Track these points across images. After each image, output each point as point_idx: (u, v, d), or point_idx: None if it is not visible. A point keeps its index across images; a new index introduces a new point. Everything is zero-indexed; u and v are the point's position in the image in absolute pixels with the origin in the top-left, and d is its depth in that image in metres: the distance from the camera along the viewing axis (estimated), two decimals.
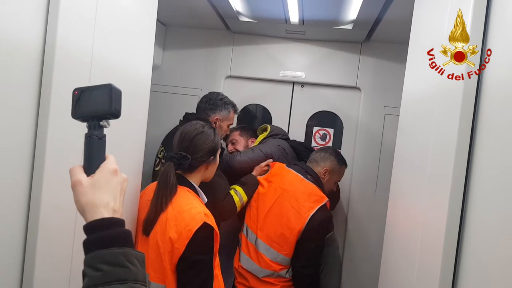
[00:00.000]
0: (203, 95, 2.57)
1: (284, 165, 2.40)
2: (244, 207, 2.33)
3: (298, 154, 2.60)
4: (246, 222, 2.30)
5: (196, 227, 1.49)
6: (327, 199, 2.25)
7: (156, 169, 2.32)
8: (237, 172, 2.43)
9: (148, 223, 1.58)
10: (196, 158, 1.64)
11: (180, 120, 2.44)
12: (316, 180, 2.31)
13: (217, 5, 2.46)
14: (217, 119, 2.44)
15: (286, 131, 2.99)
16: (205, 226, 1.51)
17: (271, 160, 2.48)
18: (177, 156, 1.62)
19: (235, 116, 2.62)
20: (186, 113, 2.44)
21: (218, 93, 2.55)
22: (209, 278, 1.55)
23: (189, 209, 1.55)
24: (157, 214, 1.57)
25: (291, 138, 2.80)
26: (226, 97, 2.53)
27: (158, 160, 2.35)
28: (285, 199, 2.21)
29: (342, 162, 2.47)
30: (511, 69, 0.92)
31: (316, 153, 2.47)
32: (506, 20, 0.98)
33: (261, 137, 2.67)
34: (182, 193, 1.62)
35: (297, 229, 2.14)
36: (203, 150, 1.65)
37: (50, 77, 1.08)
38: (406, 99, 1.64)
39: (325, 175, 2.39)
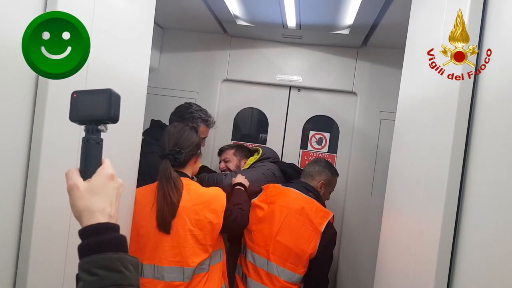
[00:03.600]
0: (177, 105, 2.55)
1: (280, 185, 2.35)
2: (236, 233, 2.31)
3: (287, 177, 2.56)
4: (250, 249, 2.21)
5: (225, 200, 1.86)
6: (332, 214, 2.23)
7: None
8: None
9: (166, 220, 1.75)
10: (187, 152, 1.87)
11: (147, 129, 2.41)
12: (316, 196, 2.30)
13: (214, 8, 2.46)
14: None
15: (282, 135, 3.00)
16: (225, 196, 1.90)
17: None
18: (172, 152, 1.83)
19: (210, 130, 2.58)
20: (152, 120, 2.46)
21: (190, 105, 2.51)
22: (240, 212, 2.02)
23: (209, 191, 1.89)
24: (172, 208, 1.75)
25: (287, 141, 2.81)
26: (197, 110, 2.48)
27: None
28: (293, 218, 2.16)
29: (335, 173, 2.48)
30: (508, 72, 0.92)
31: (310, 167, 2.44)
32: (502, 23, 0.99)
33: (252, 159, 2.63)
34: (190, 182, 1.87)
35: (311, 247, 2.12)
36: (192, 144, 1.90)
37: (46, 79, 1.08)
38: (402, 104, 1.65)
39: (321, 189, 2.38)
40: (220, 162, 2.73)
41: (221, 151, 2.75)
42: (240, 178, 2.31)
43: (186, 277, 1.76)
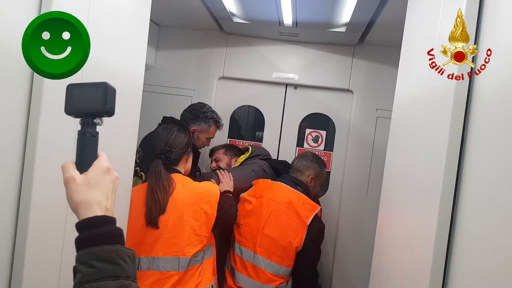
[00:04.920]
0: (191, 104, 2.62)
1: (269, 180, 2.39)
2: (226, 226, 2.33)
3: (279, 174, 2.59)
4: (238, 242, 2.24)
5: (218, 192, 1.95)
6: (320, 207, 2.27)
7: None
8: None
9: (153, 217, 1.82)
10: (178, 151, 1.96)
11: (159, 123, 2.45)
12: (305, 190, 2.33)
13: (210, 6, 2.46)
14: (194, 129, 2.48)
15: (279, 133, 3.01)
16: (217, 188, 2.01)
17: None
18: (163, 152, 1.92)
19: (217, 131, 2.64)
20: (164, 117, 2.47)
21: (204, 105, 2.58)
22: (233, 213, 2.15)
23: (203, 184, 1.99)
24: (158, 205, 1.81)
25: (283, 139, 2.85)
26: (210, 111, 2.56)
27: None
28: (281, 211, 2.19)
29: (323, 165, 2.51)
30: (504, 72, 0.92)
31: (298, 162, 2.46)
32: (498, 22, 0.99)
33: (242, 157, 2.66)
34: (184, 178, 1.96)
35: (297, 240, 2.14)
36: (182, 143, 1.98)
37: (42, 77, 1.07)
38: (398, 102, 1.65)
39: (311, 182, 2.41)
40: (211, 162, 2.74)
41: (212, 152, 2.78)
42: (226, 186, 2.32)
43: (181, 266, 1.82)
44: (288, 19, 2.52)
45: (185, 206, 1.85)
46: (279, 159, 2.94)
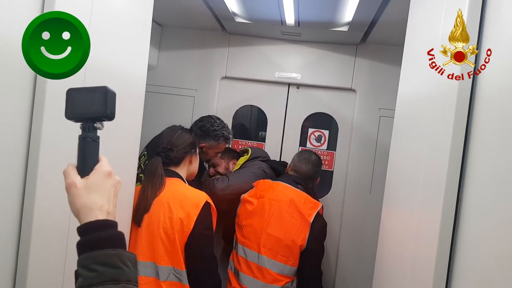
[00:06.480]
0: (200, 118, 2.57)
1: (269, 180, 2.40)
2: (229, 228, 2.35)
3: (278, 174, 2.59)
4: (241, 243, 2.24)
5: (202, 204, 1.77)
6: (321, 204, 2.28)
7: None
8: (220, 198, 2.34)
9: (139, 213, 1.76)
10: (180, 150, 1.90)
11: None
12: (305, 188, 2.34)
13: (213, 6, 2.46)
14: (203, 145, 2.46)
15: (282, 133, 3.01)
16: (207, 204, 1.80)
17: None
18: (163, 150, 1.88)
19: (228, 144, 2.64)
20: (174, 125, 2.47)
21: (214, 122, 2.52)
22: (213, 251, 1.85)
23: (192, 191, 1.84)
24: (147, 202, 1.75)
25: (286, 138, 2.86)
26: (221, 127, 2.51)
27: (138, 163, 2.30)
28: (283, 210, 2.20)
29: (320, 162, 2.56)
30: (505, 72, 0.92)
31: (302, 165, 2.46)
32: (501, 22, 0.99)
33: (242, 160, 2.66)
34: (177, 181, 1.87)
35: (301, 238, 2.15)
36: (185, 143, 1.93)
37: (45, 78, 1.07)
38: (401, 101, 1.65)
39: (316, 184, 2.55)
40: (209, 168, 2.73)
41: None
42: None
43: (157, 273, 1.73)
44: (290, 19, 2.51)
45: (164, 211, 1.75)
46: (281, 158, 2.94)
